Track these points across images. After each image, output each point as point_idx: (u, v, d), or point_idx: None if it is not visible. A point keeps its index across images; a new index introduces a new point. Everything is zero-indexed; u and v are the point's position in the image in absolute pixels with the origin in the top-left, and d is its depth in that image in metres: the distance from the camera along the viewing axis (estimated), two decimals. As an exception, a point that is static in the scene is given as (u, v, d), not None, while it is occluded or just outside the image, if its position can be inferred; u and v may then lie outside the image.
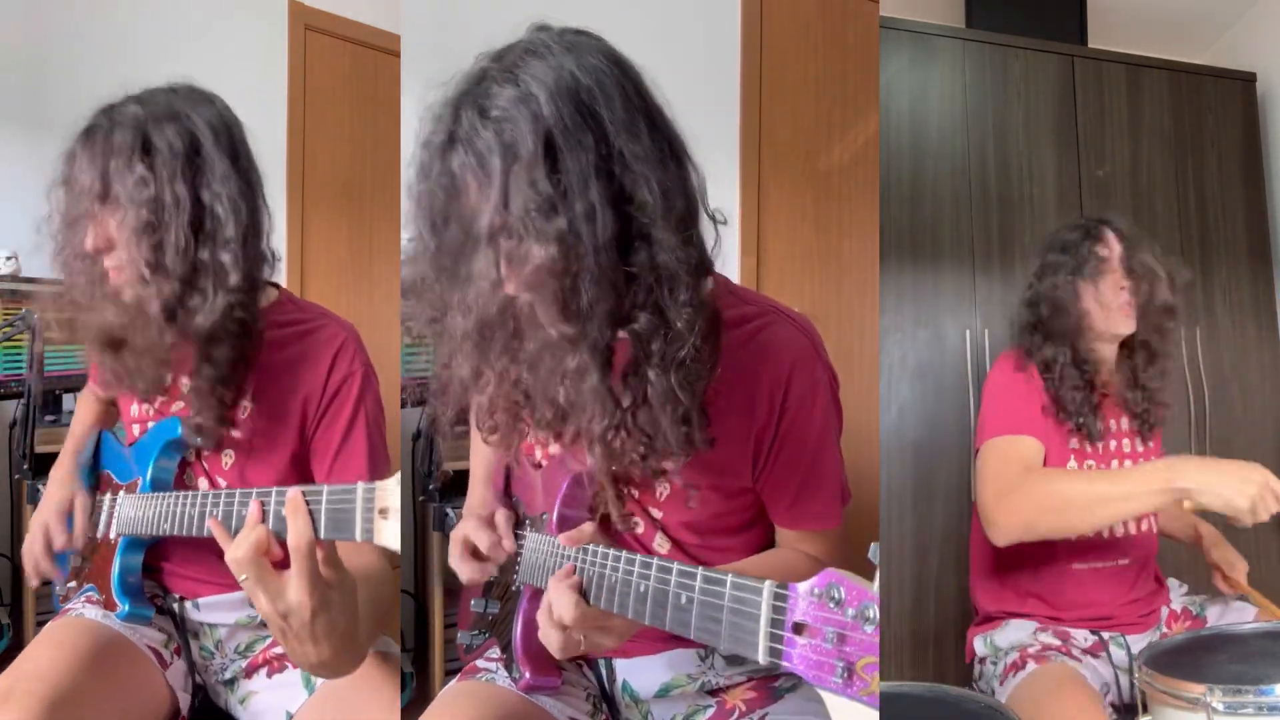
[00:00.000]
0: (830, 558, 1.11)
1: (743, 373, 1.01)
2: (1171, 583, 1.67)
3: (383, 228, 3.12)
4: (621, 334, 0.87)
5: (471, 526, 1.18)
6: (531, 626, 1.02)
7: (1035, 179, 2.50)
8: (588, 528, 0.99)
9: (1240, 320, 2.66)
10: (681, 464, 0.95)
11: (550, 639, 0.93)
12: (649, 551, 0.97)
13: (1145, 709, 1.23)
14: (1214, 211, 2.68)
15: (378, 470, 1.19)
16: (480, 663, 1.17)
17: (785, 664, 0.65)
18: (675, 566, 0.79)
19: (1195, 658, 1.27)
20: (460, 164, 0.83)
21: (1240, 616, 1.56)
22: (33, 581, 1.33)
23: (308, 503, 0.87)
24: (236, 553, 0.88)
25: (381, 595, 1.10)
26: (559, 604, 0.91)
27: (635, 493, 1.09)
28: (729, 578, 0.72)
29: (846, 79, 2.94)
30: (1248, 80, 2.78)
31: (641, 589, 0.82)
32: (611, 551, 0.90)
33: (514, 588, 1.16)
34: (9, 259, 2.28)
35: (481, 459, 1.28)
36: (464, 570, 1.18)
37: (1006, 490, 1.36)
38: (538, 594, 1.01)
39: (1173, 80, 2.68)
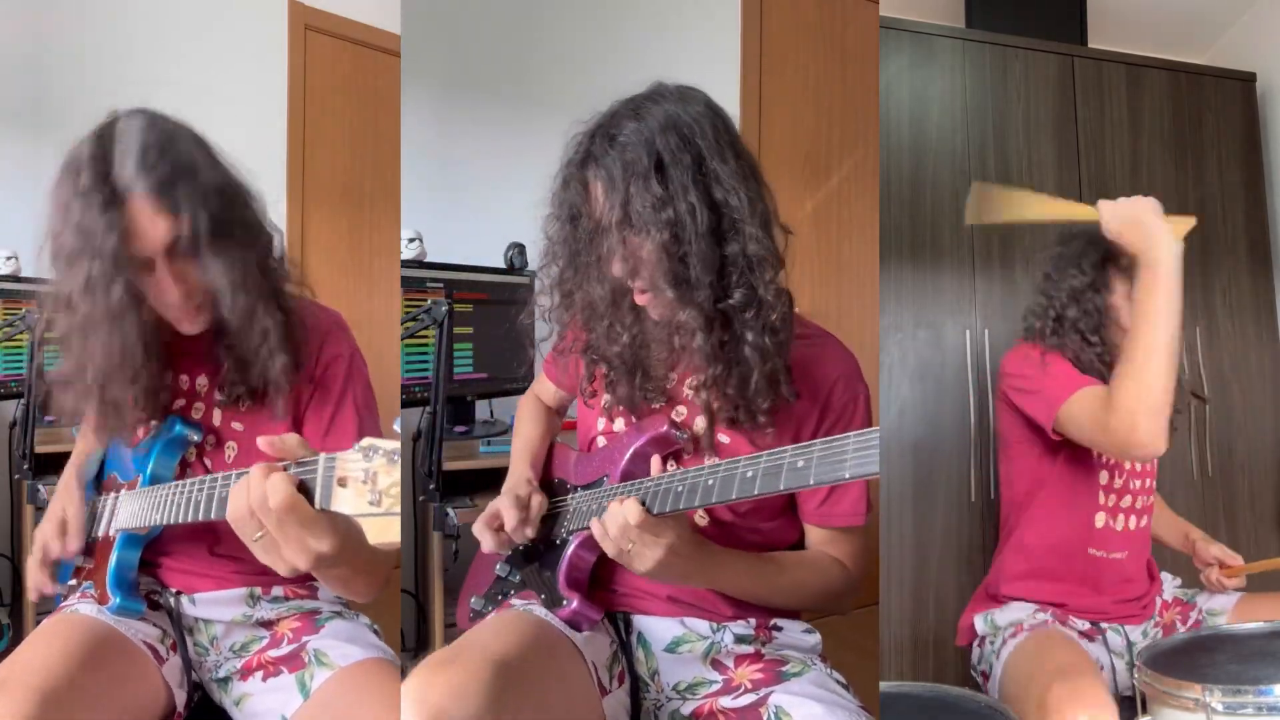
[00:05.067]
0: (854, 560, 1.24)
1: (794, 373, 1.17)
2: (1165, 576, 1.69)
3: (383, 227, 3.13)
4: (722, 308, 1.10)
5: (506, 502, 1.26)
6: (577, 565, 1.20)
7: (1035, 179, 2.50)
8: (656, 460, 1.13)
9: (1240, 320, 2.66)
10: (757, 426, 1.14)
11: (607, 542, 1.06)
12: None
13: (1145, 709, 1.24)
14: (1214, 211, 2.68)
15: None
16: (515, 600, 1.26)
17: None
18: (789, 448, 0.93)
19: (1194, 658, 1.27)
20: (594, 175, 1.10)
21: (1225, 599, 1.59)
22: (32, 595, 1.34)
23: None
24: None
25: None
26: (625, 509, 1.03)
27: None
28: (851, 436, 0.88)
29: (846, 79, 2.94)
30: (1248, 80, 2.78)
31: (749, 474, 0.96)
32: (676, 471, 1.04)
33: (558, 541, 1.24)
34: (9, 259, 2.28)
35: (524, 441, 1.44)
36: (485, 539, 1.27)
37: (1125, 413, 1.30)
38: (590, 539, 1.11)
39: (1173, 80, 2.68)
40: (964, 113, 2.47)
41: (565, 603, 1.17)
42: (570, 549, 1.20)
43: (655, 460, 1.09)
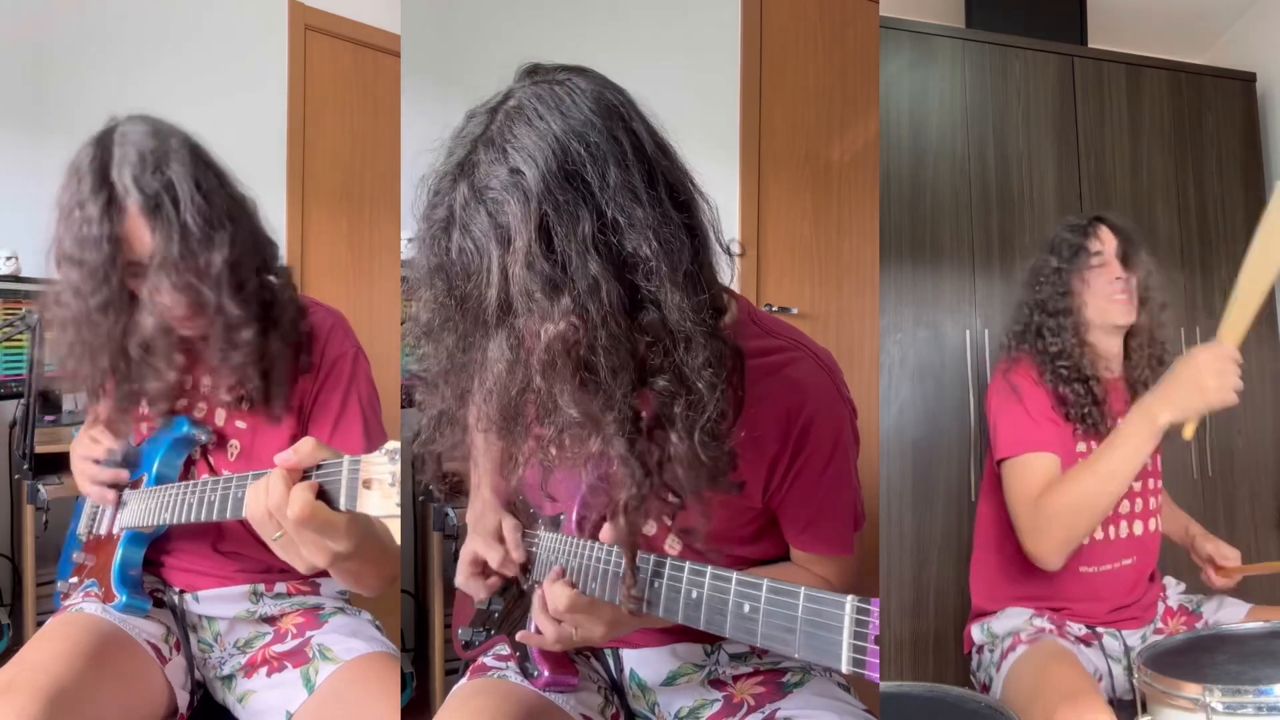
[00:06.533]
0: (841, 581, 1.13)
1: (761, 402, 1.00)
2: (1169, 580, 1.68)
3: (383, 227, 3.12)
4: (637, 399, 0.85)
5: (480, 543, 1.18)
6: None
7: (1035, 179, 2.51)
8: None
9: (1240, 320, 2.66)
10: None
11: (546, 630, 1.00)
12: (660, 553, 0.96)
13: (1144, 709, 1.23)
14: (1214, 211, 2.69)
15: (374, 445, 1.21)
16: (488, 660, 1.18)
17: (866, 673, 0.67)
18: (735, 575, 0.80)
19: (1194, 658, 1.27)
20: (459, 248, 0.81)
21: (1235, 611, 1.57)
22: (106, 496, 1.30)
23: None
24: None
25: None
26: (554, 597, 0.97)
27: None
28: (801, 590, 0.74)
29: (846, 79, 2.94)
30: (1248, 80, 2.78)
31: (694, 595, 0.82)
32: (654, 555, 0.90)
33: (526, 586, 1.18)
34: (9, 259, 2.28)
35: (482, 462, 1.28)
36: (474, 589, 1.20)
37: (1032, 518, 1.42)
38: None
39: (1173, 80, 2.69)
40: (964, 113, 2.47)
41: (537, 673, 1.09)
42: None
43: (606, 529, 0.95)
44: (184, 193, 1.12)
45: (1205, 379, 1.28)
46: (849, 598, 0.70)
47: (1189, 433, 1.30)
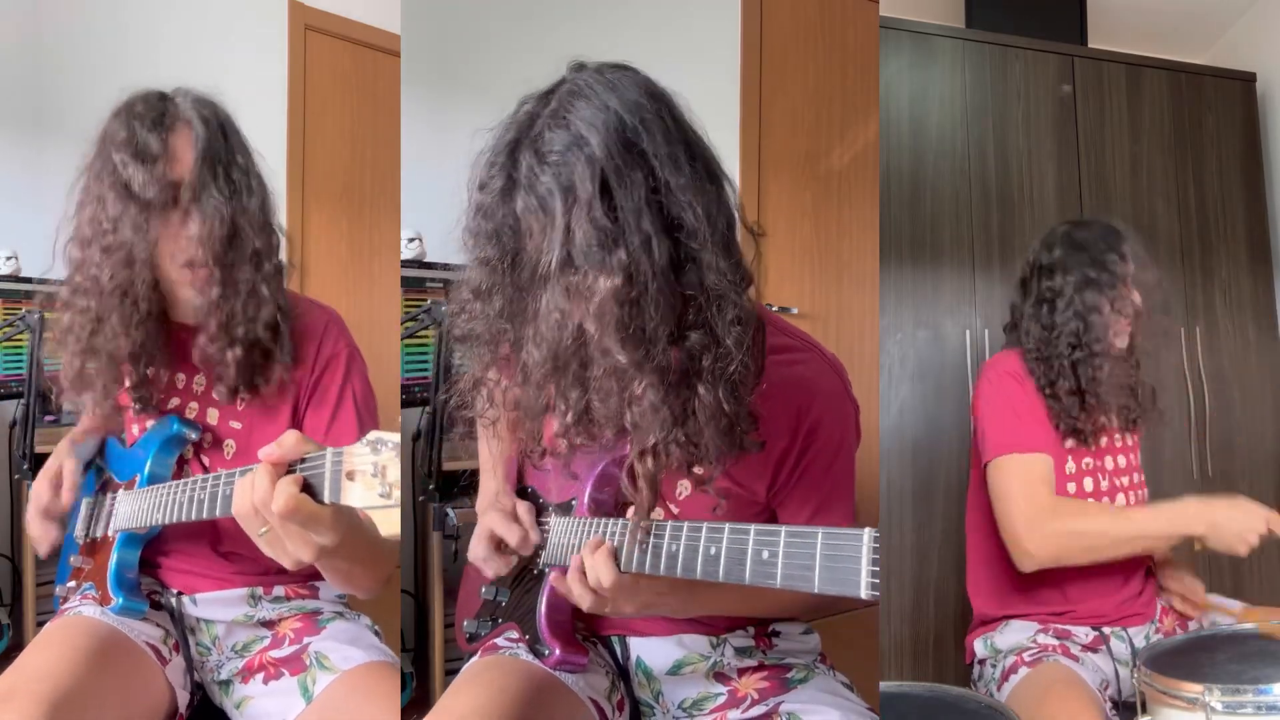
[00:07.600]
0: None
1: (772, 397, 1.04)
2: None
3: (383, 227, 3.12)
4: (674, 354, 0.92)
5: (497, 520, 1.20)
6: (557, 605, 1.11)
7: (1035, 179, 2.51)
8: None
9: (1240, 320, 2.67)
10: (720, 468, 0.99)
11: (583, 600, 1.00)
12: None
13: (1144, 709, 1.24)
14: (1214, 211, 2.69)
15: None
16: (500, 641, 1.20)
17: (879, 595, 0.73)
18: (753, 527, 0.84)
19: (1194, 657, 1.27)
20: (523, 207, 0.89)
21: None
22: (40, 548, 1.32)
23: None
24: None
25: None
26: (598, 569, 0.97)
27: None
28: (819, 530, 0.78)
29: (846, 79, 2.94)
30: (1248, 80, 2.78)
31: (712, 551, 0.87)
32: (670, 521, 0.94)
33: (535, 571, 1.19)
34: (9, 259, 2.28)
35: (496, 450, 1.31)
36: (491, 565, 1.22)
37: (1038, 518, 1.42)
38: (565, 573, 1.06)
39: (1173, 80, 2.69)
40: (964, 113, 2.47)
41: (548, 652, 1.12)
42: (548, 590, 1.12)
43: (630, 514, 0.99)
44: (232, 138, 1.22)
45: (1248, 535, 1.37)
46: (866, 529, 0.74)
47: (1198, 549, 1.41)
